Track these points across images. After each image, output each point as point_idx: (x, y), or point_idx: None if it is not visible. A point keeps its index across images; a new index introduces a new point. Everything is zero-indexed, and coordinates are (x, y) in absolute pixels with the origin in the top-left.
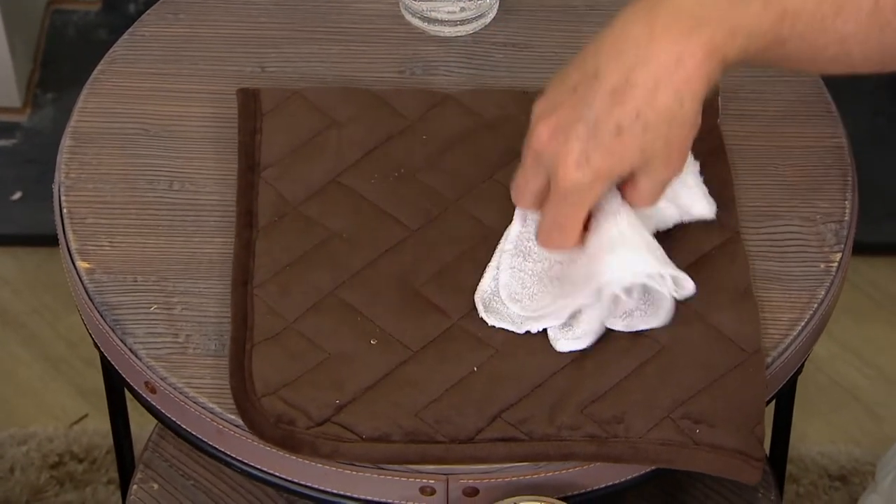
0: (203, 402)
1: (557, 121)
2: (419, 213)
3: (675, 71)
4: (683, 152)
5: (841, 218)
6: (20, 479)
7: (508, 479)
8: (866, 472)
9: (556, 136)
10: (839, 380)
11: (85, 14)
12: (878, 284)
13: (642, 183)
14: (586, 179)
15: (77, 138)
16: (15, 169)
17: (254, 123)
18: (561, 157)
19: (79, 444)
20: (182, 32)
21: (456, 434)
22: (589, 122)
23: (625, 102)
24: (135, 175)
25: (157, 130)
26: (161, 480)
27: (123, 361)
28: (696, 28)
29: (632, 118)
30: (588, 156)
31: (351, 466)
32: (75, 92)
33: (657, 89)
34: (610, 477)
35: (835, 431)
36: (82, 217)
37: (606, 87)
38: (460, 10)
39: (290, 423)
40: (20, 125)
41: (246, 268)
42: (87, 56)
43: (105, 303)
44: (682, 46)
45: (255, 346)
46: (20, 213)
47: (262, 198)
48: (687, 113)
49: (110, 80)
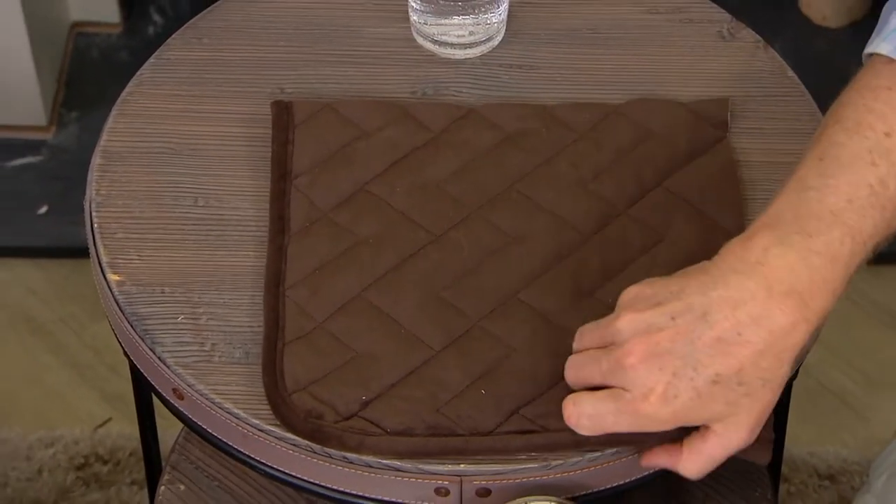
0: (229, 407)
1: (655, 346)
2: (442, 220)
3: (788, 337)
4: (763, 419)
5: None
6: (48, 480)
7: (519, 480)
8: (854, 472)
9: (650, 360)
10: (828, 384)
11: (107, 37)
12: (864, 293)
13: (710, 441)
14: (665, 415)
15: (107, 157)
16: (41, 184)
17: (286, 134)
18: (650, 384)
19: (103, 446)
20: (206, 56)
21: (475, 427)
22: (688, 362)
23: (730, 355)
24: (162, 191)
25: (183, 149)
26: (187, 482)
27: (152, 369)
28: (814, 295)
29: (733, 371)
30: (677, 393)
31: (368, 468)
32: (98, 110)
33: (766, 352)
34: (617, 477)
35: (824, 433)
36: (112, 232)
37: (714, 333)
38: (469, 33)
39: (319, 417)
40: (46, 143)
41: (278, 271)
42: (109, 76)
43: (135, 313)
44: (799, 314)
45: (287, 345)
46: (46, 226)
47: (294, 205)
48: (784, 375)
49: (138, 101)
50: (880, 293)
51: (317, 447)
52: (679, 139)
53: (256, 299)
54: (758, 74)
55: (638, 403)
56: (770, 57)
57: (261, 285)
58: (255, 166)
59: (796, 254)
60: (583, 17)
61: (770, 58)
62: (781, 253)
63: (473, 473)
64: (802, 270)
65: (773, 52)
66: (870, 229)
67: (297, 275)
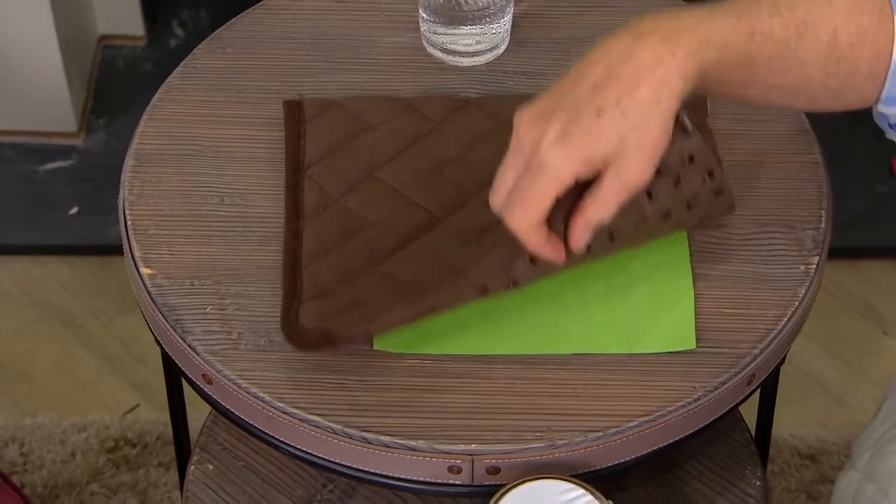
0: (255, 391)
1: (538, 111)
2: (445, 203)
3: (656, 68)
4: (655, 155)
5: (818, 225)
6: (81, 462)
7: (527, 459)
8: (833, 452)
9: (536, 121)
10: (808, 371)
11: (132, 49)
12: (842, 285)
13: (607, 183)
14: (562, 156)
15: (139, 159)
16: (72, 186)
17: (298, 129)
18: (540, 137)
19: (132, 430)
20: (230, 64)
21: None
22: (570, 108)
23: (606, 90)
24: (190, 191)
25: (209, 151)
26: (216, 462)
27: (183, 356)
28: (676, 36)
29: (612, 103)
30: (567, 133)
31: (385, 448)
32: (124, 117)
33: (638, 82)
34: (617, 456)
35: (805, 416)
36: (145, 229)
37: (589, 81)
38: (476, 42)
39: (328, 332)
40: (76, 148)
41: (295, 252)
42: (135, 86)
43: (166, 304)
44: (662, 48)
45: (303, 304)
46: (77, 225)
47: (308, 192)
48: (664, 111)
49: (167, 106)
50: (857, 287)
51: (338, 428)
52: None
53: (279, 290)
54: None
55: (537, 156)
56: None
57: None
58: (276, 166)
59: (666, 14)
60: (582, 27)
61: None
62: (651, 17)
63: (484, 453)
64: (669, 20)
65: None
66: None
67: (311, 256)
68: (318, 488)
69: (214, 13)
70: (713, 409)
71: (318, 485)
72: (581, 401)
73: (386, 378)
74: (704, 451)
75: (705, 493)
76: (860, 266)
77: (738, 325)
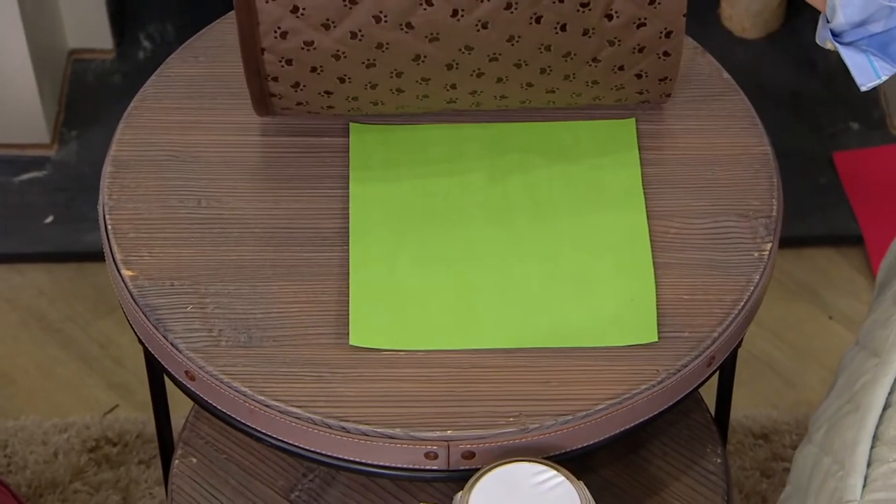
0: (236, 386)
1: None
2: None
3: None
4: None
5: (770, 214)
6: (63, 462)
7: (500, 443)
8: (784, 431)
9: None
10: (758, 354)
11: (102, 62)
12: (789, 272)
13: None
14: None
15: (117, 165)
16: (47, 196)
17: None
18: None
19: (112, 430)
20: (202, 72)
21: None
22: None
23: None
24: (167, 194)
25: (185, 156)
26: (199, 456)
27: (165, 354)
28: None
29: None
30: None
31: (363, 436)
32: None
33: None
34: (586, 438)
35: (756, 397)
36: (125, 232)
37: None
38: None
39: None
40: (49, 158)
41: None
42: (105, 97)
43: (148, 304)
44: None
45: None
46: (52, 233)
47: None
48: None
49: (143, 114)
50: (802, 274)
51: (317, 418)
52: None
53: (257, 289)
54: (697, 77)
55: None
56: (707, 61)
57: (260, 276)
58: (250, 170)
59: None
60: None
61: (707, 62)
62: None
63: (459, 438)
64: None
65: (709, 57)
66: None
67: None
68: (298, 478)
69: (180, 26)
70: (676, 391)
71: (298, 474)
72: (551, 387)
73: (362, 370)
74: (667, 432)
75: (669, 471)
76: (805, 254)
77: (698, 310)
